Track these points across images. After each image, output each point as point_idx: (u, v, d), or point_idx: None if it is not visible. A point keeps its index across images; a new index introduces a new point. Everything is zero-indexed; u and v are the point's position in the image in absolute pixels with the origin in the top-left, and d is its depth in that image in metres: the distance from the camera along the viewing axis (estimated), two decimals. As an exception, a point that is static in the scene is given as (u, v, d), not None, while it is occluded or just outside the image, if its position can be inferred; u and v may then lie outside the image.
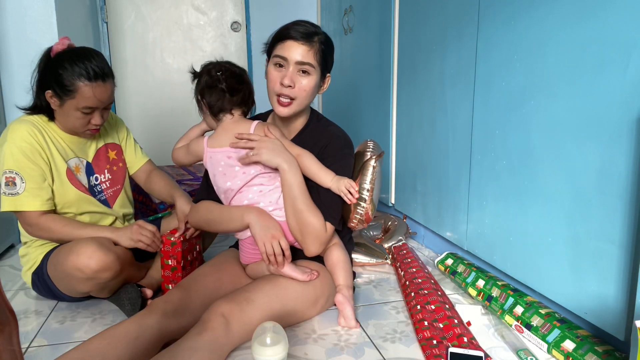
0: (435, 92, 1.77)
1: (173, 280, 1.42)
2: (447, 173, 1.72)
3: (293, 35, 1.24)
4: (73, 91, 1.31)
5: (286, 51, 1.24)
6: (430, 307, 1.32)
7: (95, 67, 1.32)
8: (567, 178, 1.17)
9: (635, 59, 0.98)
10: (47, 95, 1.34)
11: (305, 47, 1.24)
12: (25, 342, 1.25)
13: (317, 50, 1.25)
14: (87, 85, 1.31)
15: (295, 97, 1.26)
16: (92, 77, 1.31)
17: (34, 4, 2.03)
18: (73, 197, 1.42)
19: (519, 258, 1.36)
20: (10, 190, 1.32)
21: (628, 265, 1.02)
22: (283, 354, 0.90)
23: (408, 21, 1.98)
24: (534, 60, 1.26)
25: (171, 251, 1.40)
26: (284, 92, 1.25)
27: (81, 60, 1.31)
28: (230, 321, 1.10)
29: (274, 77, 1.26)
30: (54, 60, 1.33)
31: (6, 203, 1.33)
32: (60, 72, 1.30)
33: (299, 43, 1.23)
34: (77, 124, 1.38)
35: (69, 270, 1.29)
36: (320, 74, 1.29)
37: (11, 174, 1.32)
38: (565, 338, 1.12)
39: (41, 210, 1.35)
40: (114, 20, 3.31)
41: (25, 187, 1.32)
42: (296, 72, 1.25)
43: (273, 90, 1.28)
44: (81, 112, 1.34)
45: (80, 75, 1.30)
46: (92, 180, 1.50)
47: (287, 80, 1.24)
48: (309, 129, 1.38)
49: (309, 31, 1.25)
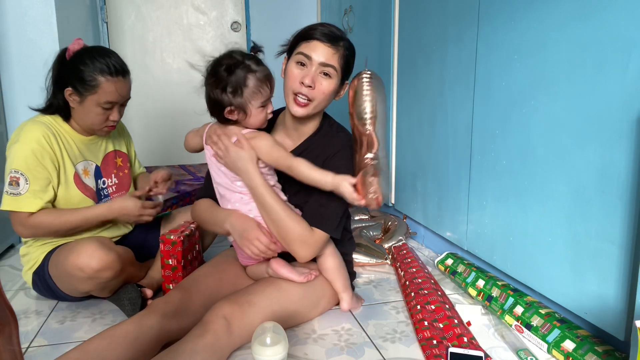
0: (435, 92, 1.77)
1: (174, 279, 1.42)
2: (447, 173, 1.72)
3: (320, 36, 1.21)
4: (95, 86, 1.33)
5: (311, 50, 1.21)
6: (430, 307, 1.32)
7: (115, 64, 1.36)
8: (567, 178, 1.17)
9: (635, 59, 0.98)
10: (66, 93, 1.36)
11: (331, 50, 1.21)
12: (25, 342, 1.24)
13: (342, 55, 1.23)
14: (109, 80, 1.34)
15: (313, 99, 1.23)
16: (114, 73, 1.35)
17: (34, 4, 2.03)
18: (77, 201, 1.43)
19: (519, 258, 1.36)
20: (13, 189, 1.32)
21: (628, 265, 1.02)
22: (283, 354, 0.90)
23: (408, 21, 1.98)
24: (534, 60, 1.26)
25: (171, 250, 1.40)
26: (303, 92, 1.21)
27: (102, 56, 1.35)
28: (232, 323, 1.10)
29: (294, 75, 1.22)
30: (73, 58, 1.35)
31: (6, 202, 1.33)
32: (82, 68, 1.33)
33: (325, 45, 1.20)
34: (96, 120, 1.40)
35: (70, 270, 1.30)
36: (340, 79, 1.26)
37: (16, 174, 1.32)
38: (565, 338, 1.12)
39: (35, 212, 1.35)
40: (114, 20, 3.31)
41: (28, 189, 1.33)
42: (318, 73, 1.21)
43: (291, 88, 1.23)
44: (102, 108, 1.37)
45: (102, 70, 1.33)
46: (99, 183, 1.51)
47: (308, 79, 1.20)
48: (320, 135, 1.34)
49: (335, 35, 1.22)
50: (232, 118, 1.19)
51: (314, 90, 1.21)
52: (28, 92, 2.05)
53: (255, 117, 1.20)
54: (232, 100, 1.15)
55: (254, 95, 1.16)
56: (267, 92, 1.19)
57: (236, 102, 1.16)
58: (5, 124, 2.06)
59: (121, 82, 1.37)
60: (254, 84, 1.16)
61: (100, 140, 1.52)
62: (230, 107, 1.16)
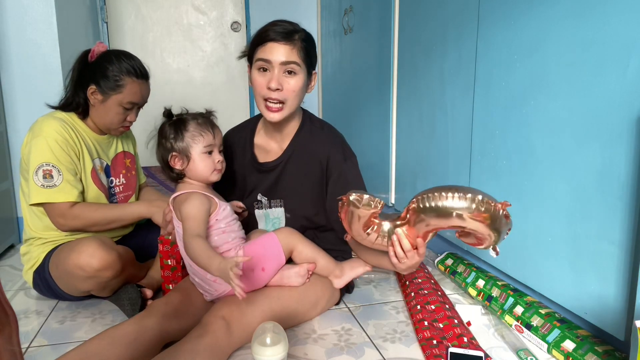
0: (435, 92, 1.77)
1: (173, 280, 1.42)
2: (447, 173, 1.72)
3: (273, 37, 1.19)
4: (122, 86, 1.38)
5: (268, 53, 1.19)
6: (430, 307, 1.32)
7: (140, 67, 1.42)
8: (567, 178, 1.17)
9: (635, 59, 0.98)
10: (89, 91, 1.39)
11: (287, 47, 1.19)
12: (25, 342, 1.25)
13: (299, 48, 1.21)
14: (134, 81, 1.40)
15: (284, 100, 1.22)
16: (139, 75, 1.41)
17: (34, 4, 2.03)
18: (93, 196, 1.45)
19: (519, 258, 1.36)
20: (48, 182, 1.33)
21: (628, 265, 1.02)
22: (283, 354, 0.90)
23: (408, 21, 1.98)
24: (534, 60, 1.26)
25: (170, 251, 1.40)
26: (272, 96, 1.21)
27: (128, 59, 1.41)
28: (231, 324, 1.10)
29: (259, 82, 1.22)
30: (100, 58, 1.39)
31: (41, 195, 1.33)
32: (109, 67, 1.37)
33: (281, 43, 1.19)
34: (115, 120, 1.43)
35: (70, 269, 1.30)
36: (306, 72, 1.25)
37: (48, 167, 1.33)
38: (565, 338, 1.12)
39: (75, 201, 1.37)
40: (114, 20, 3.31)
41: (62, 179, 1.34)
42: (282, 73, 1.20)
43: (260, 95, 1.23)
44: (123, 108, 1.41)
45: (129, 71, 1.39)
46: (108, 182, 1.53)
47: (273, 83, 1.19)
48: (304, 132, 1.35)
49: (288, 30, 1.20)
50: (176, 167, 1.19)
51: (282, 91, 1.21)
52: (28, 92, 2.06)
53: (200, 164, 1.18)
54: (174, 145, 1.18)
55: (194, 139, 1.18)
56: (210, 137, 1.19)
57: (177, 147, 1.18)
58: (5, 124, 2.06)
59: (144, 84, 1.44)
60: (195, 127, 1.18)
61: (111, 140, 1.55)
62: (172, 153, 1.18)
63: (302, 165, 1.34)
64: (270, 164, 1.36)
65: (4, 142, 2.02)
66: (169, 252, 1.40)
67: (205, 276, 1.19)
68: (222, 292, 1.20)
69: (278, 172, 1.35)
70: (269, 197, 1.37)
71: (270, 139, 1.36)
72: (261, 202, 1.38)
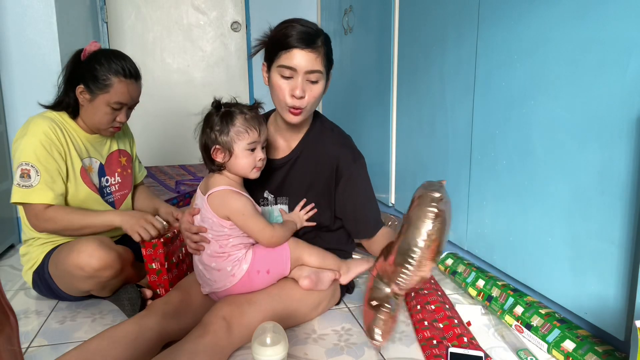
0: (435, 92, 1.77)
1: (160, 284, 1.37)
2: (447, 173, 1.72)
3: (297, 43, 1.17)
4: (108, 86, 1.36)
5: (293, 61, 1.17)
6: (430, 307, 1.32)
7: (130, 67, 1.40)
8: (567, 178, 1.17)
9: (635, 59, 0.98)
10: (77, 90, 1.38)
11: (312, 55, 1.18)
12: (25, 342, 1.24)
13: (323, 55, 1.20)
14: (122, 81, 1.38)
15: (306, 105, 1.22)
16: (128, 75, 1.39)
17: (34, 4, 2.03)
18: (84, 196, 1.44)
19: (519, 258, 1.36)
20: (24, 182, 1.33)
21: (628, 265, 1.02)
22: (283, 354, 0.91)
23: (408, 21, 1.98)
24: (534, 60, 1.26)
25: (153, 254, 1.34)
26: (296, 105, 1.20)
27: (117, 58, 1.39)
28: (232, 324, 1.10)
29: (283, 89, 1.20)
30: (90, 57, 1.38)
31: (18, 195, 1.34)
32: (97, 67, 1.36)
33: (306, 50, 1.17)
34: (104, 120, 1.42)
35: (70, 269, 1.30)
36: (326, 77, 1.25)
37: (27, 167, 1.33)
38: (565, 338, 1.12)
39: (50, 203, 1.35)
40: (114, 20, 3.31)
41: (39, 180, 1.34)
42: (305, 81, 1.20)
43: (284, 102, 1.22)
44: (111, 108, 1.39)
45: (117, 72, 1.37)
46: (102, 181, 1.52)
47: (298, 91, 1.18)
48: (314, 132, 1.35)
49: (311, 34, 1.19)
50: (217, 159, 1.18)
51: (305, 98, 1.21)
52: (27, 92, 2.05)
53: (241, 160, 1.17)
54: (218, 138, 1.16)
55: (239, 135, 1.15)
56: (255, 135, 1.17)
57: (221, 140, 1.16)
58: (5, 124, 2.06)
59: (133, 84, 1.41)
60: (241, 123, 1.15)
61: (105, 139, 1.54)
62: (216, 145, 1.16)
63: (311, 164, 1.34)
64: (278, 161, 1.35)
65: (4, 142, 2.02)
66: (152, 255, 1.34)
67: (210, 264, 1.20)
68: (221, 285, 1.20)
69: (286, 170, 1.35)
70: (275, 195, 1.37)
71: (280, 136, 1.36)
72: (267, 199, 1.38)
